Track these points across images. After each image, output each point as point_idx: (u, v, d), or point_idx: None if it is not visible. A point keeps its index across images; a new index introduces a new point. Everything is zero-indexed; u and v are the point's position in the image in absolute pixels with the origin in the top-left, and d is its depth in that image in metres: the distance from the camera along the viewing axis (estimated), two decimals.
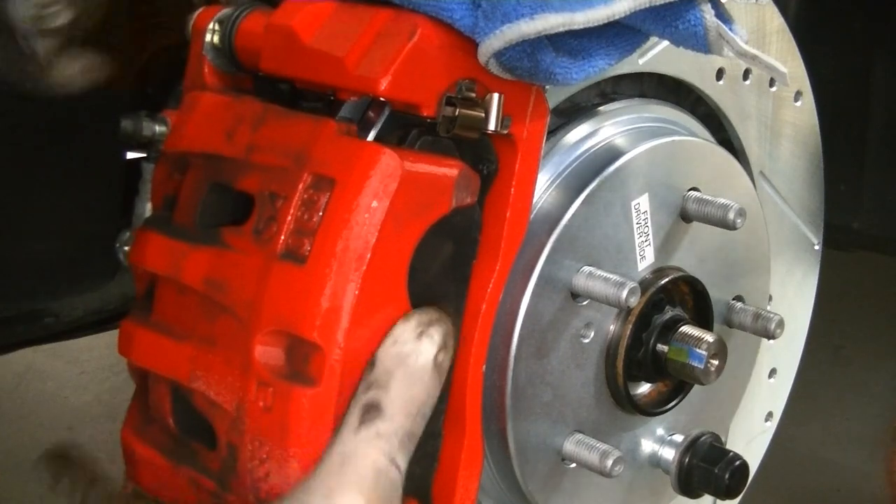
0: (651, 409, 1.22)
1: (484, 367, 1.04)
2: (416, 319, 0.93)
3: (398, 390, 0.91)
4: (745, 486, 1.23)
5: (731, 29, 0.96)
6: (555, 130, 1.14)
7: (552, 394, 1.12)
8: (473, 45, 0.94)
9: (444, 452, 1.04)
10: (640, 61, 1.17)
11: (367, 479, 0.88)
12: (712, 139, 1.31)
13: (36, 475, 1.20)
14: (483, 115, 0.97)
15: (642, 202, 1.15)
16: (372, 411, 0.90)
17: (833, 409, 2.97)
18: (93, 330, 1.43)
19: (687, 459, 1.23)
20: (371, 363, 0.91)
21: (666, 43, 1.15)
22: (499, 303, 1.04)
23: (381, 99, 0.95)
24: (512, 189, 1.02)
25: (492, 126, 0.98)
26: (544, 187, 1.11)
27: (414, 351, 0.92)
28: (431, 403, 0.94)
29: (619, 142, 1.16)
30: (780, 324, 1.27)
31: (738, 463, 1.22)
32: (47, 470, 1.18)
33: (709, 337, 1.18)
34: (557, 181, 1.12)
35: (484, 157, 1.01)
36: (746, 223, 1.19)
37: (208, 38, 1.09)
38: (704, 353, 1.17)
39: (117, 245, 1.17)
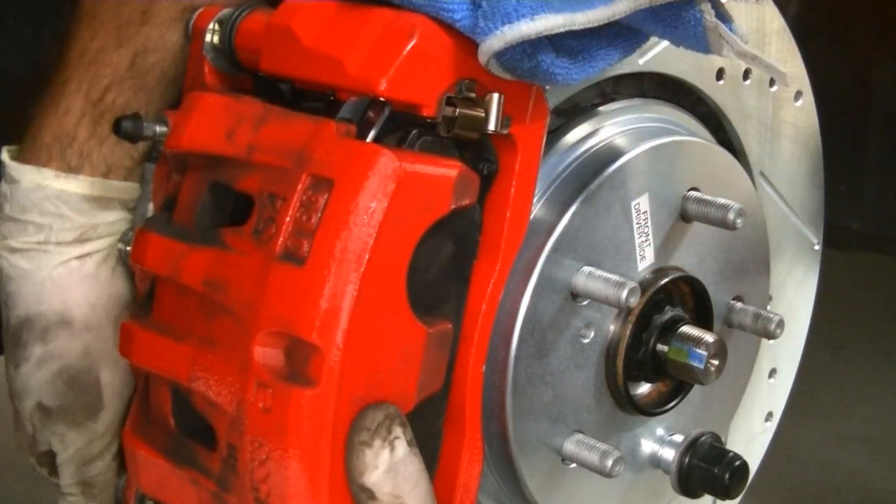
0: (651, 409, 1.22)
1: (484, 367, 1.04)
2: (378, 437, 0.91)
3: (416, 501, 0.93)
4: (744, 486, 1.23)
5: (730, 29, 0.96)
6: (555, 130, 1.14)
7: (552, 394, 1.12)
8: (473, 46, 0.93)
9: (444, 452, 1.04)
10: (640, 61, 1.17)
11: None
12: (712, 139, 1.31)
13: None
14: (483, 115, 0.97)
15: (642, 202, 1.15)
16: None
17: (833, 409, 2.97)
18: None
19: (687, 459, 1.23)
20: (366, 494, 0.91)
21: (666, 43, 1.15)
22: (499, 303, 1.04)
23: (381, 99, 0.94)
24: (512, 189, 1.02)
25: (492, 126, 0.98)
26: (544, 187, 1.11)
27: (397, 461, 0.92)
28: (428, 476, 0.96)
29: (619, 142, 1.16)
30: (780, 324, 1.27)
31: (737, 463, 1.22)
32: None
33: (709, 337, 1.18)
34: (557, 181, 1.12)
35: (484, 157, 1.01)
36: (746, 223, 1.19)
37: (208, 38, 1.09)
38: (704, 353, 1.17)
39: (120, 245, 1.17)
